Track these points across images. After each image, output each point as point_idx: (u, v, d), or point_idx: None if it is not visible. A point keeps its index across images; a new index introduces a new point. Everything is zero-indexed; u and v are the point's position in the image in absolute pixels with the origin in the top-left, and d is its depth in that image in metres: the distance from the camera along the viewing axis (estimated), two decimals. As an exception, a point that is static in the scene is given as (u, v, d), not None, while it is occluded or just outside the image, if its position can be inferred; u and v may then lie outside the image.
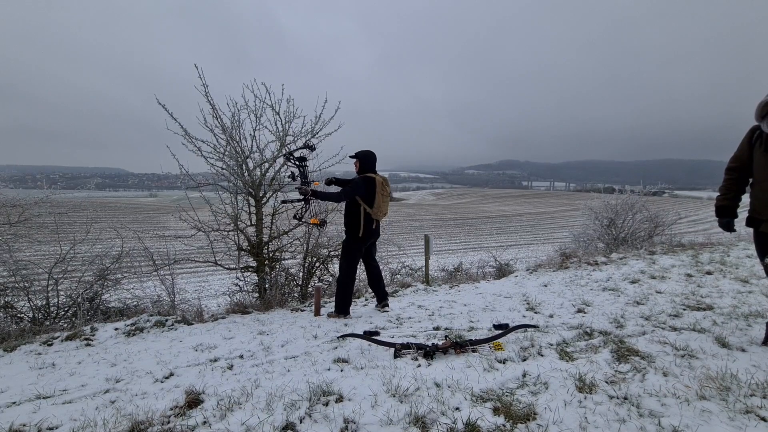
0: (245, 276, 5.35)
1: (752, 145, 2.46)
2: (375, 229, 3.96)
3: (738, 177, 2.59)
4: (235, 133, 4.96)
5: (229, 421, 1.74)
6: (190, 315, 4.30)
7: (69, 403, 2.13)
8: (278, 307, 4.62)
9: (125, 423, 1.78)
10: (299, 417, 1.74)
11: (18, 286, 4.55)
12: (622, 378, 2.01)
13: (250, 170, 5.10)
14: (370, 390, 1.97)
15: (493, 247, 19.52)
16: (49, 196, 5.33)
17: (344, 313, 3.87)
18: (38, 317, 4.48)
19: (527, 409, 1.74)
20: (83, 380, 2.46)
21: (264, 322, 3.80)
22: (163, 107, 4.62)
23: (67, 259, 4.85)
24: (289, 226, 5.48)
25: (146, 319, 3.90)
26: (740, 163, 2.55)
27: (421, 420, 1.67)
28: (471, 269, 7.72)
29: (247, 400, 1.96)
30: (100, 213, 26.55)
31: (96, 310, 4.78)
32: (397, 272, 7.46)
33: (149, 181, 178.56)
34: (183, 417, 1.83)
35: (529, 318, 3.38)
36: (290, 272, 5.66)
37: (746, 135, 2.51)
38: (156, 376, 2.46)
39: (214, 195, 5.15)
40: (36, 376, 2.58)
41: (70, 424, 1.83)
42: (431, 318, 3.62)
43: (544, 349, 2.50)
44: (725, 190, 2.65)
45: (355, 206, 3.86)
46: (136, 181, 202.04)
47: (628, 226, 9.62)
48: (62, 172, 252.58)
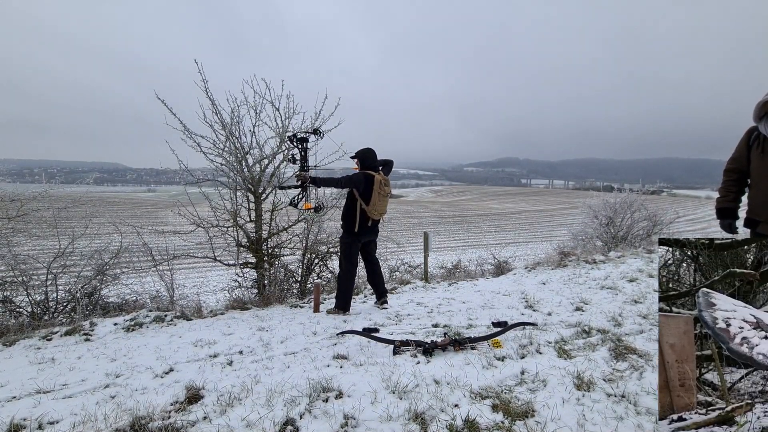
0: (244, 272, 5.35)
1: (750, 146, 2.47)
2: (371, 227, 3.98)
3: (737, 178, 2.60)
4: (235, 129, 4.94)
5: (230, 417, 1.75)
6: (189, 311, 4.31)
7: (69, 397, 2.13)
8: (277, 303, 4.63)
9: (126, 418, 1.78)
10: (299, 413, 1.75)
11: (17, 280, 4.54)
12: (619, 376, 2.03)
13: (249, 166, 5.09)
14: (370, 386, 1.98)
15: (491, 244, 19.55)
16: (48, 190, 5.31)
17: (344, 309, 3.89)
18: (37, 312, 4.48)
19: (526, 406, 1.75)
20: (83, 375, 2.47)
21: (263, 318, 3.81)
22: (163, 102, 4.60)
23: (65, 253, 4.84)
24: (289, 222, 5.47)
25: (145, 314, 3.90)
26: (738, 165, 2.56)
27: (420, 416, 1.69)
28: (470, 267, 7.74)
29: (247, 395, 1.97)
30: (98, 208, 26.49)
31: (95, 305, 4.78)
32: (396, 269, 7.47)
33: (148, 177, 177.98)
34: (183, 412, 1.84)
35: (527, 316, 3.40)
36: (289, 268, 5.67)
37: (744, 136, 2.52)
38: (156, 371, 2.46)
39: (213, 191, 5.14)
40: (36, 370, 2.59)
41: (71, 419, 1.84)
42: (430, 315, 3.63)
43: (543, 346, 2.52)
44: (725, 192, 2.65)
45: (352, 202, 3.89)
46: (135, 176, 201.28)
47: (626, 225, 9.66)
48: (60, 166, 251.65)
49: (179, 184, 5.13)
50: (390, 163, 4.14)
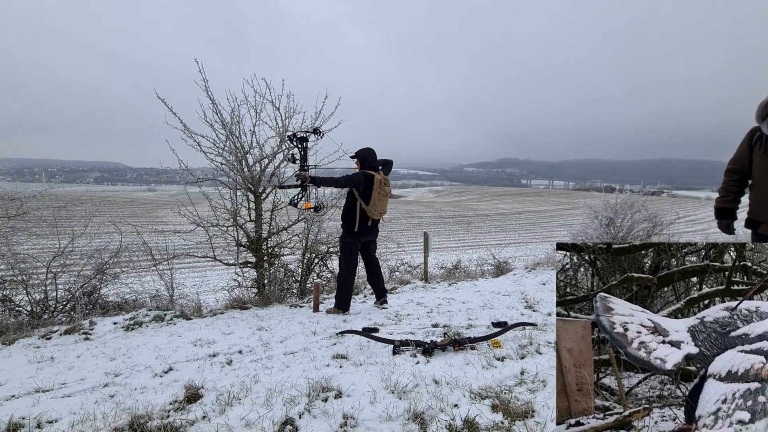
0: (244, 271, 5.35)
1: (752, 147, 2.46)
2: (371, 227, 3.98)
3: (738, 179, 2.59)
4: (235, 128, 4.94)
5: (229, 416, 1.74)
6: (188, 310, 4.31)
7: (68, 396, 2.13)
8: (277, 302, 4.63)
9: (125, 417, 1.78)
10: (298, 412, 1.75)
11: (16, 279, 4.54)
12: (619, 376, 2.02)
13: (249, 166, 5.08)
14: (369, 386, 1.98)
15: (491, 245, 19.54)
16: (48, 189, 5.31)
17: (343, 309, 3.89)
18: (36, 311, 4.47)
19: (525, 406, 1.75)
20: (82, 374, 2.46)
21: (263, 317, 3.81)
22: (163, 101, 4.59)
23: (65, 253, 4.84)
24: (289, 222, 5.47)
25: (145, 313, 3.90)
26: (740, 165, 2.56)
27: (420, 416, 1.68)
28: (470, 267, 7.74)
29: (247, 395, 1.97)
30: (98, 207, 26.46)
31: (94, 304, 4.78)
32: (395, 269, 7.47)
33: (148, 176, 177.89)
34: (182, 411, 1.83)
35: (527, 316, 3.39)
36: (289, 268, 5.67)
37: (746, 136, 2.51)
38: (155, 370, 2.46)
39: (213, 190, 5.14)
40: (35, 369, 2.58)
41: (70, 418, 1.84)
42: (430, 315, 3.63)
43: (543, 346, 2.52)
44: (725, 192, 2.65)
45: (352, 202, 3.89)
46: (135, 175, 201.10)
47: (627, 226, 9.66)
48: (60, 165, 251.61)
49: (179, 183, 5.13)
50: (390, 163, 4.14)
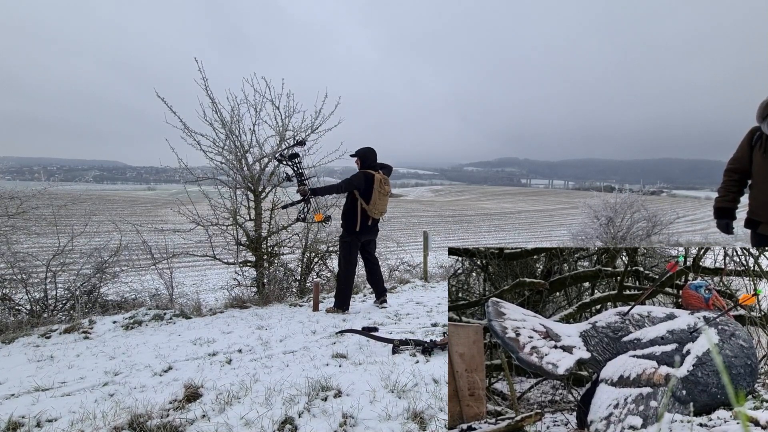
0: (244, 270, 5.35)
1: (752, 147, 2.46)
2: (371, 226, 3.98)
3: (738, 178, 2.59)
4: (235, 127, 4.94)
5: (228, 415, 1.74)
6: (188, 309, 4.31)
7: (68, 395, 2.13)
8: (276, 302, 4.63)
9: (124, 416, 1.78)
10: (298, 411, 1.75)
11: (16, 278, 4.54)
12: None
13: (249, 165, 5.08)
14: (369, 385, 1.98)
15: (491, 244, 19.53)
16: (47, 188, 5.30)
17: (343, 308, 3.89)
18: (36, 310, 4.47)
19: (524, 405, 1.75)
20: (82, 373, 2.46)
21: (262, 316, 3.81)
22: (163, 100, 4.59)
23: (65, 251, 4.84)
24: (288, 221, 5.48)
25: (144, 312, 3.90)
26: (740, 165, 2.55)
27: (419, 416, 1.68)
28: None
29: (246, 394, 1.97)
30: (98, 206, 26.42)
31: (94, 303, 4.78)
32: (395, 268, 7.47)
33: (147, 175, 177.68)
34: (182, 410, 1.83)
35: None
36: (289, 267, 5.67)
37: (746, 136, 2.51)
38: (155, 369, 2.46)
39: (213, 189, 5.14)
40: (34, 368, 2.58)
41: (69, 417, 1.84)
42: (429, 314, 3.64)
43: (542, 346, 2.52)
44: (724, 192, 2.65)
45: (353, 201, 3.88)
46: (135, 174, 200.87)
47: (626, 225, 9.66)
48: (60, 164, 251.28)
49: (179, 182, 5.13)
50: (388, 169, 4.10)
